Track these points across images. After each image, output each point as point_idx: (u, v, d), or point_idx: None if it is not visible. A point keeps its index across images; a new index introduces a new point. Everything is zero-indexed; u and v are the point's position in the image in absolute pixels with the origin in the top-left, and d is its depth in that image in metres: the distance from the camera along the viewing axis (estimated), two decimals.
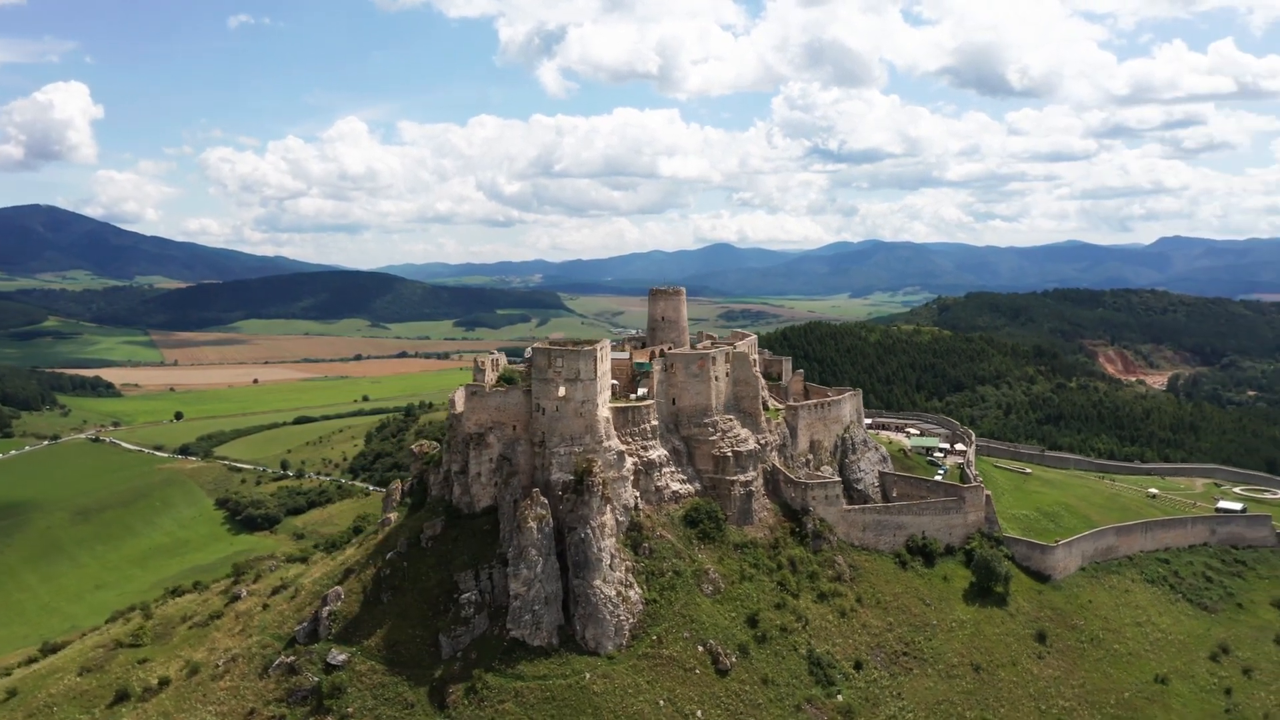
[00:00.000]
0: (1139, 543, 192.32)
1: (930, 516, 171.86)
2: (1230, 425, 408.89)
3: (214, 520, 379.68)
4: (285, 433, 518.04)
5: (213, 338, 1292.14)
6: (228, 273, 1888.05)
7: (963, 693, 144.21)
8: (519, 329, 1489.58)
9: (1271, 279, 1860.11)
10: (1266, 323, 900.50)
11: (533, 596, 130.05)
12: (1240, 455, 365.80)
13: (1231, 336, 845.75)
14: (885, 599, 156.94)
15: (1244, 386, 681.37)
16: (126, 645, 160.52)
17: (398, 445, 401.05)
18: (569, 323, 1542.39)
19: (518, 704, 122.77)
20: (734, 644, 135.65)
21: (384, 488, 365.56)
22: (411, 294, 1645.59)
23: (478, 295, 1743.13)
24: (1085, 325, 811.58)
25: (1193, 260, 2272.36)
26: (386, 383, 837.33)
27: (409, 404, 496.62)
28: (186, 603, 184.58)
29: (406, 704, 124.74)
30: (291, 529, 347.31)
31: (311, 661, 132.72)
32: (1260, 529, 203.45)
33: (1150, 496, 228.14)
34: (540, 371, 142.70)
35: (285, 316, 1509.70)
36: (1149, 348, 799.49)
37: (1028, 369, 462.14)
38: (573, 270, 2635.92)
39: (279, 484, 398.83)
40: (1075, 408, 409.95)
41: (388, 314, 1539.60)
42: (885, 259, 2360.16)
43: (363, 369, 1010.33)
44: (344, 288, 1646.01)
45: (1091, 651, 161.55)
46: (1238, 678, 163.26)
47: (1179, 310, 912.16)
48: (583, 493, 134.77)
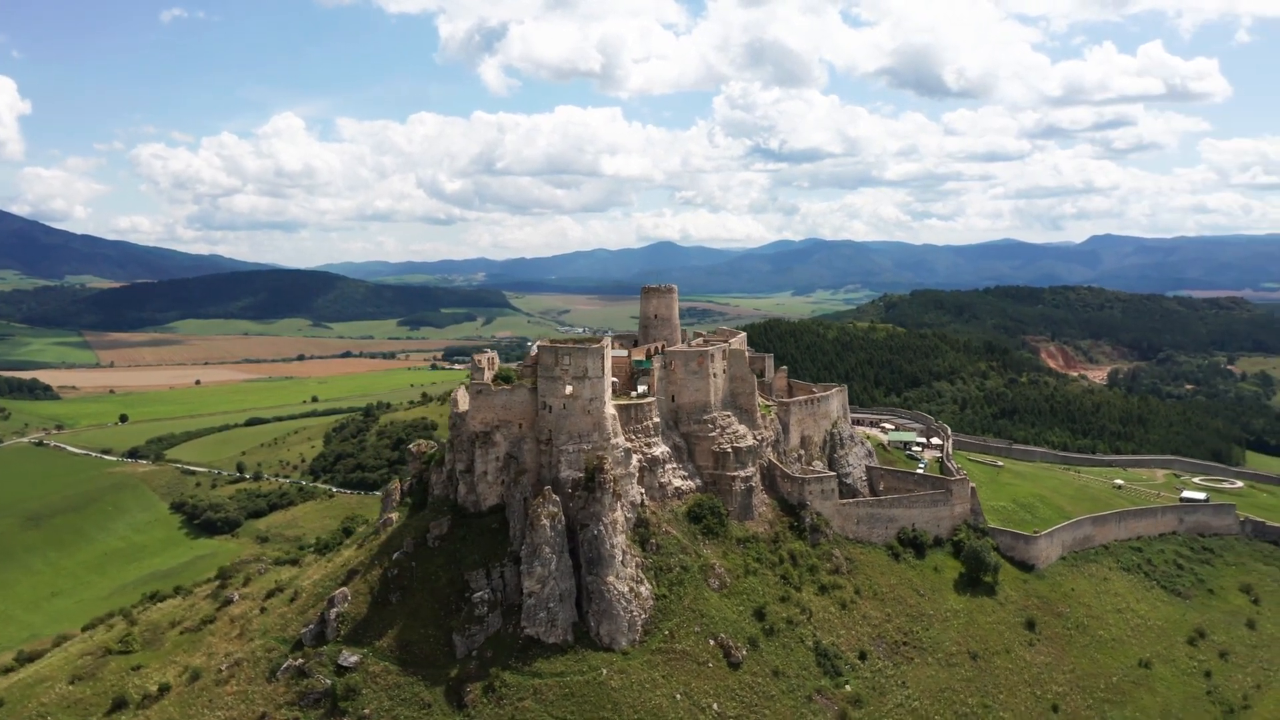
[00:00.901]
0: (1113, 532, 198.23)
1: (920, 509, 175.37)
2: (1176, 418, 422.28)
3: (170, 524, 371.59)
4: (238, 434, 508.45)
5: (148, 338, 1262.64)
6: (162, 272, 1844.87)
7: (963, 680, 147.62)
8: (464, 328, 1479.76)
9: (1198, 276, 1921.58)
10: (1199, 318, 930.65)
11: (547, 594, 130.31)
12: (1188, 446, 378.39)
13: (1166, 332, 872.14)
14: (882, 590, 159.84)
15: (1181, 380, 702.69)
16: (116, 652, 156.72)
17: (359, 446, 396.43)
18: (515, 321, 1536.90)
19: (537, 701, 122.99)
20: (743, 637, 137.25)
21: (348, 489, 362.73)
22: (353, 293, 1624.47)
23: (421, 294, 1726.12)
24: (1027, 322, 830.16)
25: (1123, 258, 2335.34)
26: (334, 383, 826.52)
27: (367, 404, 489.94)
28: (171, 608, 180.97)
29: (423, 704, 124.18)
30: (254, 532, 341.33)
31: (322, 663, 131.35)
32: (1225, 517, 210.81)
33: (1116, 487, 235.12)
34: (546, 370, 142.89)
35: (223, 316, 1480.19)
36: (1088, 343, 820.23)
37: (980, 364, 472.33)
38: (516, 269, 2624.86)
39: (237, 487, 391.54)
40: (1028, 402, 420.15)
41: (329, 313, 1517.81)
42: (826, 257, 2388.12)
43: (307, 369, 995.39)
44: (283, 287, 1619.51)
45: (1078, 638, 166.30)
46: (1215, 661, 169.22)
47: (1115, 307, 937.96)
48: (594, 490, 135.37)
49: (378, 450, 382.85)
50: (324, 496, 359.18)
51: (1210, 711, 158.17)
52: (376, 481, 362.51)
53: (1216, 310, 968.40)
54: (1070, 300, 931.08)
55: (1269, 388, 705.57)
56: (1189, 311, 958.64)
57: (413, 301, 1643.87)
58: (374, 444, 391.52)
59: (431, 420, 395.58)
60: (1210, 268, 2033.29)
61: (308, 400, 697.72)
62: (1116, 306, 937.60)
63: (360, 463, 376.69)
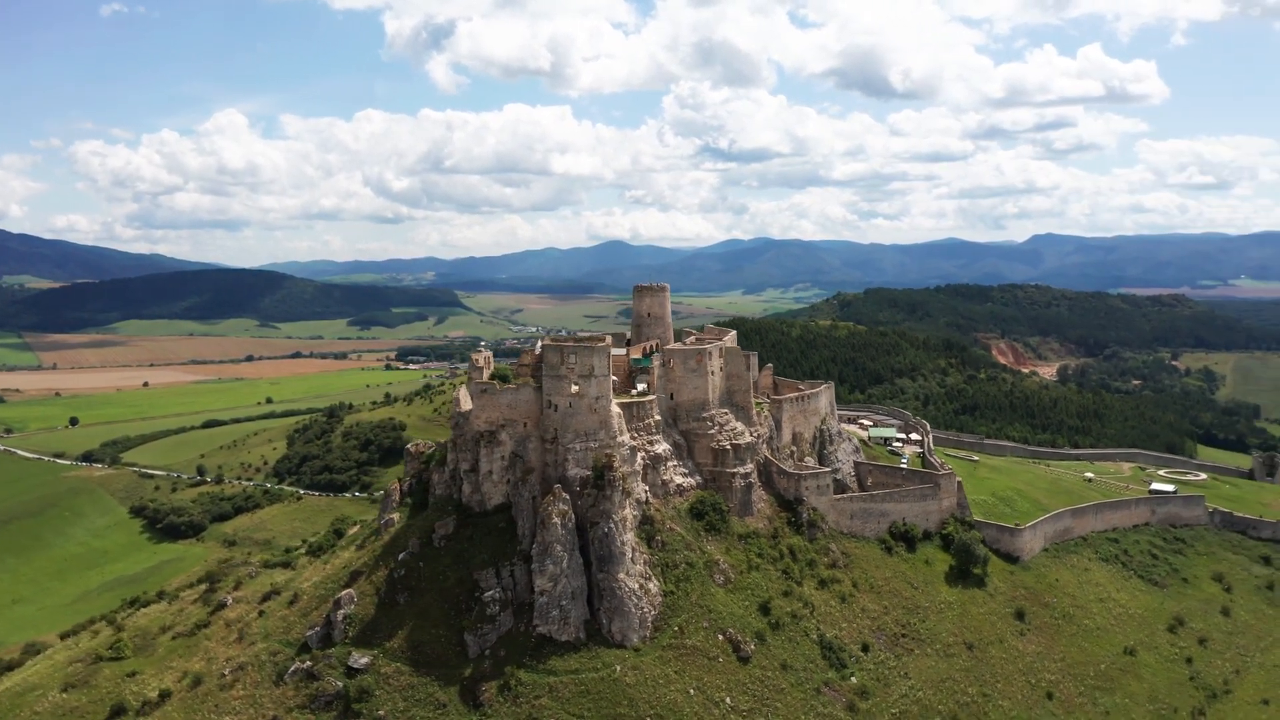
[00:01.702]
0: (1090, 524, 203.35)
1: (910, 503, 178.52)
2: (1131, 413, 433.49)
3: (131, 529, 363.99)
4: (195, 437, 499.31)
5: (90, 339, 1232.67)
6: (102, 271, 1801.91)
7: (962, 670, 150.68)
8: (416, 327, 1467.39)
9: (1137, 274, 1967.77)
10: (1142, 315, 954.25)
11: (559, 592, 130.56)
12: (1143, 440, 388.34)
13: (1111, 329, 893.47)
14: (877, 583, 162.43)
15: (1128, 376, 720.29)
16: (108, 658, 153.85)
17: (325, 447, 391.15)
18: (468, 320, 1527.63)
19: (553, 699, 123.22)
20: (751, 632, 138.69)
21: (316, 491, 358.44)
22: (301, 292, 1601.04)
23: (371, 293, 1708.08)
24: (977, 319, 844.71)
25: (1064, 256, 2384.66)
26: (287, 384, 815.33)
27: (329, 406, 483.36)
28: (157, 613, 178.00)
29: (438, 704, 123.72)
30: (220, 536, 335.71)
31: (331, 666, 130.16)
32: (1195, 509, 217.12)
33: (1087, 480, 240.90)
34: (551, 368, 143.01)
35: (166, 317, 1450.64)
36: (1036, 340, 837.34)
37: (939, 361, 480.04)
38: (466, 268, 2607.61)
39: (198, 490, 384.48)
40: (988, 398, 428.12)
41: (277, 313, 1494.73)
42: (776, 256, 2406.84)
43: (257, 370, 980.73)
44: (228, 286, 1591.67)
45: (1066, 627, 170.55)
46: (1195, 648, 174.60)
47: (1061, 304, 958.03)
48: (604, 487, 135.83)
49: (345, 452, 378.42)
50: (291, 499, 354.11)
51: (1194, 697, 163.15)
52: (345, 483, 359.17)
53: (1159, 307, 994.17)
54: (1018, 298, 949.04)
55: (1213, 383, 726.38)
56: (1132, 309, 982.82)
57: (362, 301, 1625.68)
58: (340, 445, 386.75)
59: (399, 420, 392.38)
60: (1149, 266, 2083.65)
61: (262, 401, 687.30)
62: (1063, 304, 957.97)
63: (327, 464, 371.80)
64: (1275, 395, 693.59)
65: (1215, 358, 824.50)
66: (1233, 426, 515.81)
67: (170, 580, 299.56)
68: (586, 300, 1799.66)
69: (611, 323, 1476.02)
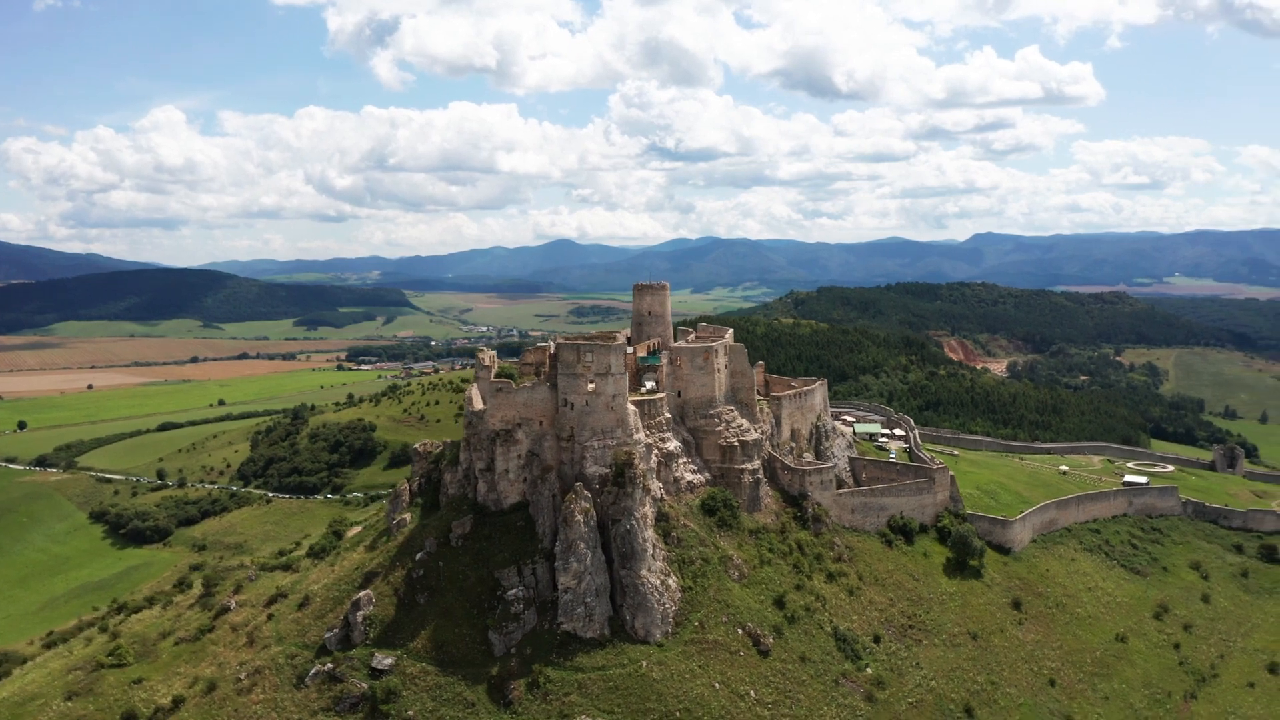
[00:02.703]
0: (1073, 515, 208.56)
1: (907, 497, 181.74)
2: (1087, 407, 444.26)
3: (92, 534, 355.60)
4: (151, 440, 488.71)
5: (26, 341, 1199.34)
6: (36, 271, 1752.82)
7: (968, 659, 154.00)
8: (364, 327, 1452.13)
9: (1075, 272, 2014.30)
10: (1085, 312, 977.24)
11: (583, 589, 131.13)
12: (1101, 434, 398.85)
13: (1056, 325, 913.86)
14: (881, 576, 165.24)
15: (1075, 372, 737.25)
16: (109, 665, 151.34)
17: (292, 449, 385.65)
18: (416, 320, 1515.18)
19: (582, 695, 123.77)
20: (768, 625, 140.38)
21: (286, 494, 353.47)
22: (245, 292, 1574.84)
23: (317, 293, 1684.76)
24: (928, 317, 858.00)
25: (1004, 255, 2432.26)
26: (237, 385, 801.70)
27: (295, 407, 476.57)
28: (152, 619, 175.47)
29: (467, 703, 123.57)
30: (188, 540, 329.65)
31: (354, 667, 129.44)
32: (1169, 499, 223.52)
33: (1062, 473, 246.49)
34: (568, 367, 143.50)
35: (105, 318, 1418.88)
36: (985, 337, 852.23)
37: (900, 358, 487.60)
38: (412, 266, 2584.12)
39: (161, 494, 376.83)
40: (950, 394, 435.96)
41: (220, 313, 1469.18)
42: (723, 255, 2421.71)
43: (203, 371, 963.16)
44: (168, 286, 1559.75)
45: (1060, 616, 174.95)
46: (1181, 634, 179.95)
47: (1007, 302, 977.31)
48: (624, 485, 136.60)
49: (314, 453, 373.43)
50: (260, 502, 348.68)
51: (1184, 681, 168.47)
52: (316, 485, 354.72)
53: (1101, 305, 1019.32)
54: (966, 296, 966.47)
55: (1156, 378, 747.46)
56: (1075, 306, 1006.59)
57: (308, 301, 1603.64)
58: (308, 447, 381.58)
59: (368, 421, 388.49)
60: (1086, 264, 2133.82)
61: (214, 404, 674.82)
62: (1009, 302, 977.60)
63: (296, 466, 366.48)
64: (1217, 390, 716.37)
65: (1157, 353, 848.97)
66: (1181, 420, 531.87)
67: (140, 586, 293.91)
68: (536, 299, 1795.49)
69: (562, 321, 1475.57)
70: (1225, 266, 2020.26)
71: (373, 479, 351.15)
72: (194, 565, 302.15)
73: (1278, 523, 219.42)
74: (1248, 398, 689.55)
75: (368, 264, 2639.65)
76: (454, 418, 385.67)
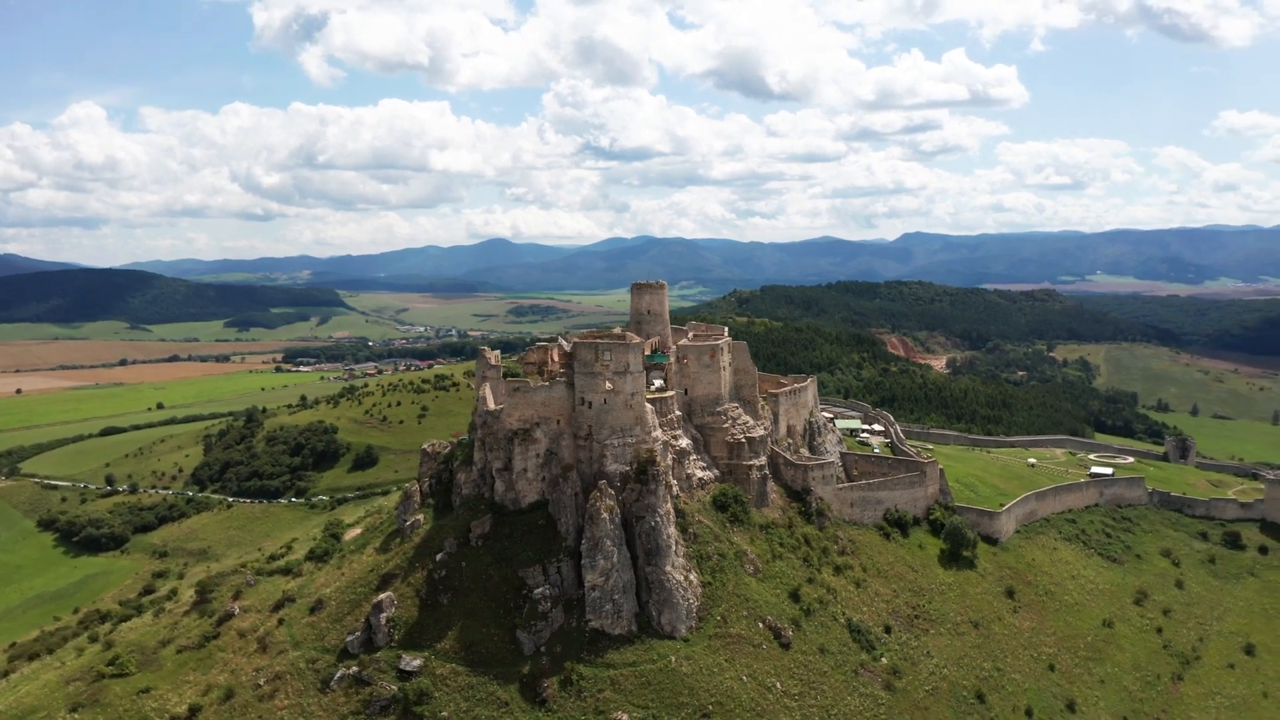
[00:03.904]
0: (1050, 506, 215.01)
1: (900, 491, 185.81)
2: (1034, 402, 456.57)
3: (42, 543, 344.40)
4: (94, 445, 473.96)
5: None
6: None
7: (973, 647, 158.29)
8: (297, 328, 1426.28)
9: (1001, 270, 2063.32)
10: (1017, 309, 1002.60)
11: (611, 586, 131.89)
12: (1049, 427, 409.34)
13: (991, 323, 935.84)
14: (883, 568, 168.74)
15: (1013, 368, 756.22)
16: (111, 675, 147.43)
17: (249, 453, 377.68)
18: (352, 321, 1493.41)
19: (616, 691, 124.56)
20: (786, 618, 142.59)
21: (246, 498, 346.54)
22: (173, 293, 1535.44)
23: (246, 293, 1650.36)
24: (868, 315, 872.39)
25: (933, 254, 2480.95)
26: (173, 388, 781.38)
27: (238, 410, 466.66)
28: (145, 626, 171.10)
29: (500, 703, 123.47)
30: (147, 547, 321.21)
31: (381, 670, 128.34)
32: (1136, 489, 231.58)
33: (1030, 466, 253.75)
34: (585, 365, 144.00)
35: (26, 320, 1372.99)
36: (924, 334, 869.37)
37: (853, 355, 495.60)
38: (343, 266, 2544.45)
39: (113, 500, 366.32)
40: (904, 390, 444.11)
41: (148, 315, 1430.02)
42: (659, 254, 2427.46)
43: (135, 374, 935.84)
44: (92, 287, 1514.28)
45: (1049, 603, 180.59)
46: (1161, 619, 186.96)
47: (943, 300, 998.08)
48: (648, 481, 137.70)
49: (274, 456, 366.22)
50: (220, 507, 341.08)
51: (1170, 663, 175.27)
52: (278, 489, 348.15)
53: (1032, 302, 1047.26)
54: (904, 294, 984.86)
55: (1089, 372, 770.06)
56: (1008, 304, 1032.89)
57: (238, 301, 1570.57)
58: (266, 450, 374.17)
59: (329, 424, 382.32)
60: (1012, 263, 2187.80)
61: (152, 407, 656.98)
62: (944, 300, 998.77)
63: (256, 470, 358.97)
64: (1146, 383, 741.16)
65: (1087, 349, 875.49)
66: (1118, 413, 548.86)
67: (101, 595, 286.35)
68: (473, 299, 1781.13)
69: (501, 322, 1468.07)
70: (1145, 264, 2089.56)
71: (338, 481, 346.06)
72: (157, 572, 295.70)
73: (1238, 510, 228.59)
74: (1177, 391, 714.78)
75: (297, 263, 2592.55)
76: (416, 418, 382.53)
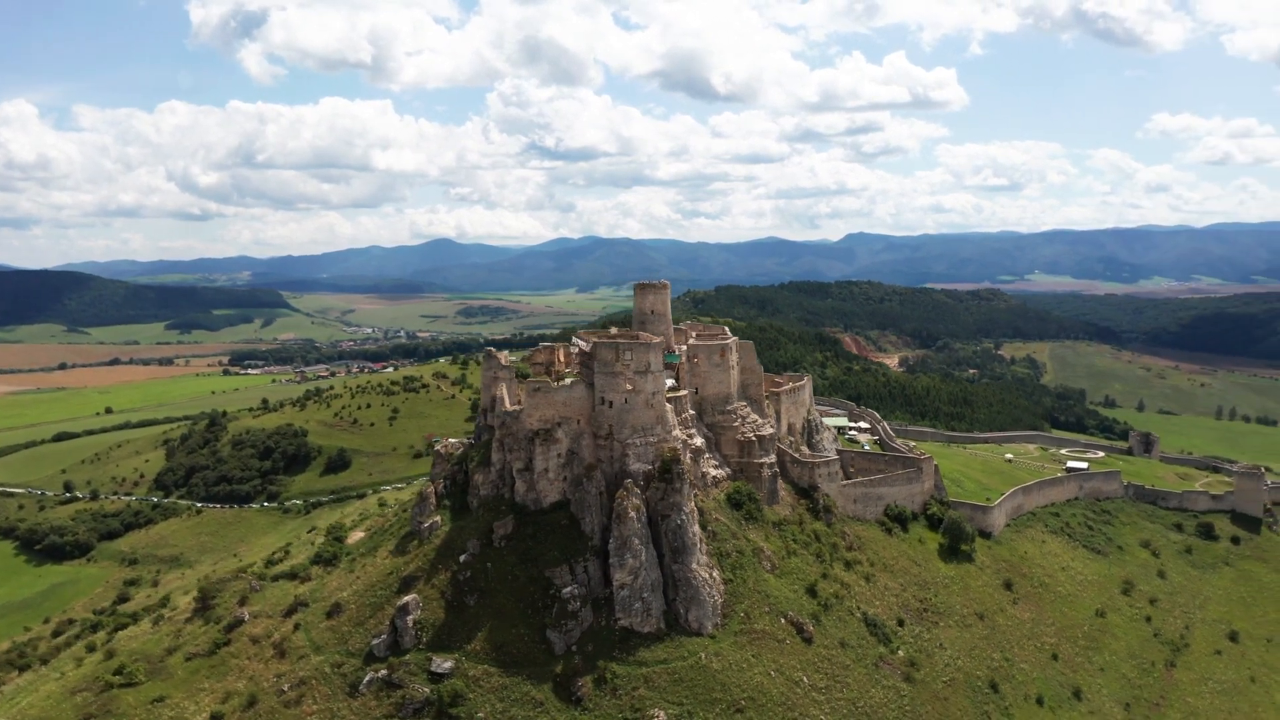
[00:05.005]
0: (1035, 500, 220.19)
1: (899, 486, 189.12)
2: (994, 399, 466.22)
3: (3, 552, 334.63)
4: (47, 451, 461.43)
5: None
6: None
7: (981, 638, 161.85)
8: (241, 330, 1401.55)
9: (942, 270, 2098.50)
10: (964, 309, 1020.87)
11: (640, 584, 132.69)
12: (1009, 423, 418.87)
13: (939, 321, 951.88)
14: (888, 563, 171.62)
15: (963, 366, 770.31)
16: (119, 685, 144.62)
17: (215, 457, 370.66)
18: (296, 322, 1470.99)
19: (650, 689, 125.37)
20: (806, 613, 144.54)
21: (216, 504, 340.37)
22: (112, 295, 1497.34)
23: (187, 295, 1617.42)
24: (821, 314, 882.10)
25: (875, 254, 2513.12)
26: (119, 392, 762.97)
27: (211, 412, 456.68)
28: (146, 634, 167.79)
29: (535, 703, 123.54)
30: (114, 554, 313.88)
31: (412, 672, 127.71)
32: (1113, 483, 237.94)
33: (1008, 461, 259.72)
34: (605, 365, 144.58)
35: None
36: (876, 334, 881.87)
37: (816, 355, 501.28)
38: (284, 267, 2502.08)
39: (73, 507, 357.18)
40: (869, 388, 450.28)
41: (85, 317, 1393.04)
42: (606, 255, 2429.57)
43: (77, 378, 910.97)
44: (26, 289, 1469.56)
45: (1045, 595, 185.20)
46: (1149, 608, 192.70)
47: (893, 299, 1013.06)
48: (672, 480, 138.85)
49: (243, 460, 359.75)
50: (189, 512, 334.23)
51: (1161, 650, 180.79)
52: (249, 493, 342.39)
53: (978, 301, 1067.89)
54: (854, 294, 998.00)
55: (1036, 370, 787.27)
56: (955, 303, 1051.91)
57: (178, 303, 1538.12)
58: (233, 454, 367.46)
59: (299, 427, 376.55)
60: (952, 263, 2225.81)
61: (100, 411, 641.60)
62: (894, 299, 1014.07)
63: (224, 474, 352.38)
64: (1092, 380, 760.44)
65: (1032, 346, 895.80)
66: (1070, 410, 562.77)
67: (72, 603, 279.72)
68: (420, 300, 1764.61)
69: (451, 322, 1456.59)
70: (1081, 264, 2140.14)
71: (310, 485, 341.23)
72: (129, 580, 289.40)
73: (1210, 502, 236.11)
74: (1121, 387, 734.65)
75: (237, 264, 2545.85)
76: (387, 421, 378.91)
